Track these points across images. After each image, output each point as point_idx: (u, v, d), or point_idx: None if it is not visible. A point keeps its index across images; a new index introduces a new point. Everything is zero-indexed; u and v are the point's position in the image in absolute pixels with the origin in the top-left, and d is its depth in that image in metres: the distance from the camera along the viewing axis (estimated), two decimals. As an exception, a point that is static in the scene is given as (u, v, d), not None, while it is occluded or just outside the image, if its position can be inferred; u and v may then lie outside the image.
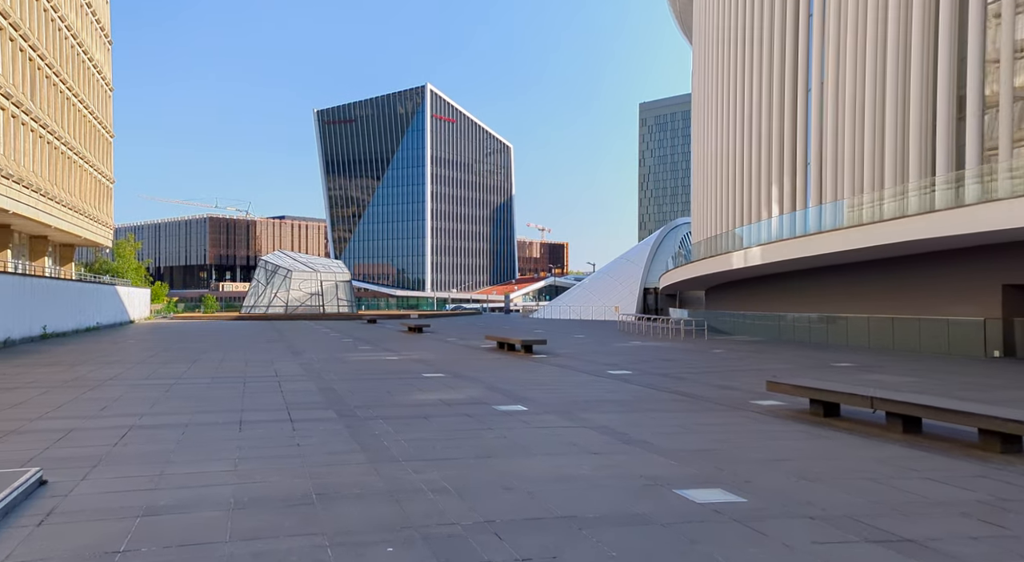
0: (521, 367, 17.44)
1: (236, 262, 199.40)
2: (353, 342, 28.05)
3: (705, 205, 41.08)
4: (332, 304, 64.05)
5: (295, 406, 10.85)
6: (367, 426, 9.07)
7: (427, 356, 20.89)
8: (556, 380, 14.57)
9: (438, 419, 9.61)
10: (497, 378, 14.78)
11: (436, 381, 14.24)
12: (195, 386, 13.43)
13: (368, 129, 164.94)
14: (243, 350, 23.38)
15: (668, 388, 13.02)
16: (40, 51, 36.06)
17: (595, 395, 12.16)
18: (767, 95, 31.59)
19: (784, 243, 25.09)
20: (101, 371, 16.28)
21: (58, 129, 39.42)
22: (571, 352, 22.34)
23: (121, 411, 10.38)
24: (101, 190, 50.81)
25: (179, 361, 19.03)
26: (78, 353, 22.06)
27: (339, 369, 16.84)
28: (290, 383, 13.93)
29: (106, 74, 51.42)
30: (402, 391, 12.69)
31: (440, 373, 15.86)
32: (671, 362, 18.71)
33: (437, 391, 12.67)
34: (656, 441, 8.03)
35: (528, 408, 10.54)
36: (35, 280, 29.15)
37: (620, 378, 14.78)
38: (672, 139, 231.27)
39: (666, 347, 24.71)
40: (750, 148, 33.15)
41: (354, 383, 13.95)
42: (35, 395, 12.14)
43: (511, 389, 12.85)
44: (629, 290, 54.37)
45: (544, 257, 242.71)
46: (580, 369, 16.83)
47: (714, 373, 15.80)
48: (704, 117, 41.94)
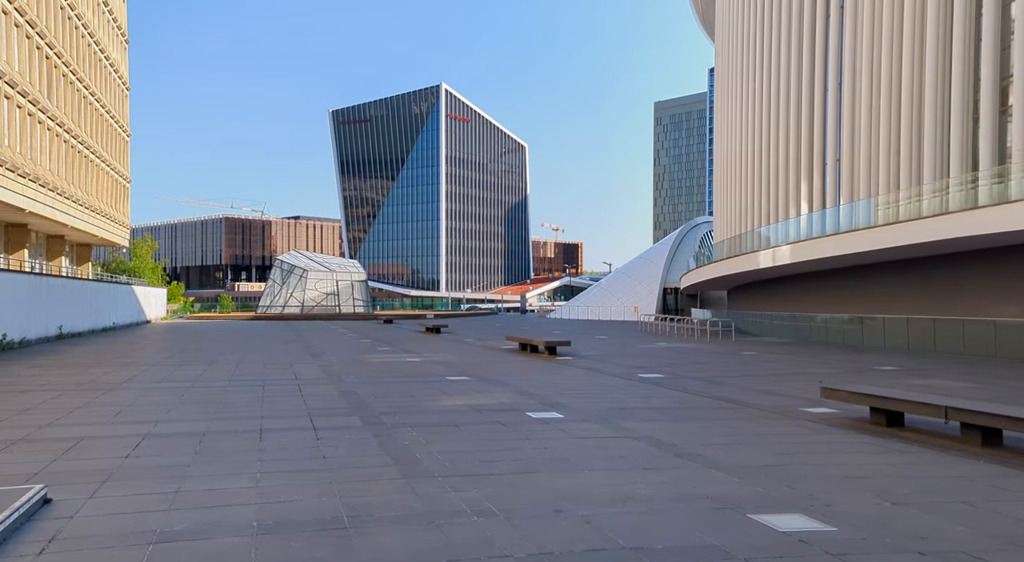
0: (547, 370, 16.81)
1: (251, 262, 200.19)
2: (371, 343, 27.54)
3: (728, 204, 40.28)
4: (348, 304, 63.70)
5: (317, 412, 10.28)
6: (395, 435, 8.48)
7: (448, 358, 20.30)
8: (586, 384, 13.92)
9: (470, 427, 9.00)
10: (525, 382, 14.16)
11: (461, 385, 13.64)
12: (212, 390, 12.91)
13: (383, 129, 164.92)
14: (260, 351, 22.91)
15: (707, 393, 12.33)
16: (57, 49, 35.86)
17: (631, 401, 11.51)
18: (794, 92, 30.77)
19: (815, 241, 24.27)
20: (116, 373, 15.82)
21: (75, 128, 39.24)
22: (596, 354, 21.68)
23: (135, 417, 9.85)
24: (118, 189, 50.70)
25: (195, 363, 18.56)
26: (94, 354, 21.68)
27: (359, 371, 16.28)
28: (310, 386, 13.38)
29: (123, 73, 51.31)
30: (428, 396, 12.09)
31: (464, 376, 15.26)
32: (703, 365, 18.00)
33: (464, 396, 12.06)
34: (711, 454, 7.37)
35: (564, 415, 9.90)
36: (51, 280, 28.87)
37: (653, 382, 14.11)
38: (687, 138, 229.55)
39: (693, 349, 23.98)
40: (776, 146, 32.35)
41: (377, 386, 13.38)
42: (47, 399, 11.66)
43: (542, 394, 12.22)
44: (648, 290, 53.53)
45: (558, 257, 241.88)
46: (609, 372, 16.17)
47: (752, 377, 15.08)
48: (727, 116, 41.12)
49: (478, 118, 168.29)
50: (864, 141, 25.45)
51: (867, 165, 25.10)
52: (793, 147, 30.34)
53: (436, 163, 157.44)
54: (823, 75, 28.62)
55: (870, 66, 25.33)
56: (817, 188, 27.97)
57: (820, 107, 28.55)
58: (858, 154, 25.69)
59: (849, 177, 26.17)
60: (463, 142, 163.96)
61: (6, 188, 29.40)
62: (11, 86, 29.90)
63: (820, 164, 27.98)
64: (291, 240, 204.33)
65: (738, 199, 37.90)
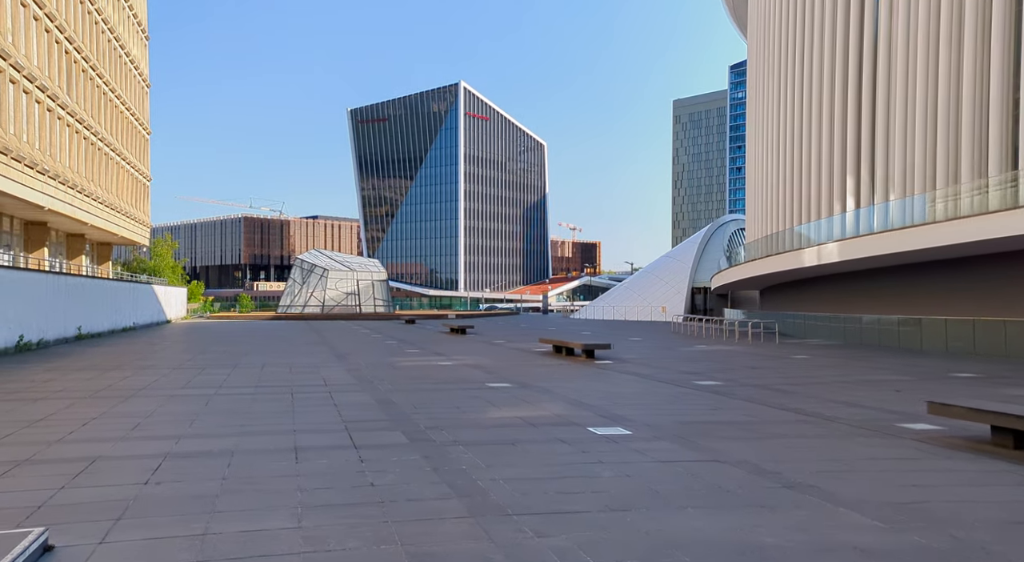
0: (591, 376, 15.71)
1: (270, 262, 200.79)
2: (397, 344, 26.58)
3: (761, 203, 38.96)
4: (369, 304, 62.90)
5: (355, 425, 9.26)
6: (448, 456, 7.43)
7: (482, 361, 19.26)
8: (640, 393, 12.81)
9: (529, 446, 7.93)
10: (572, 390, 13.07)
11: (505, 393, 12.58)
12: (237, 398, 11.95)
13: (401, 127, 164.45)
14: (284, 353, 22.01)
15: (780, 405, 11.17)
16: (76, 44, 35.27)
17: (699, 414, 10.39)
18: (831, 87, 29.41)
19: (867, 238, 22.94)
20: (135, 378, 14.92)
21: (95, 125, 38.67)
22: (637, 357, 20.54)
23: (155, 432, 8.88)
24: (138, 188, 50.23)
25: (218, 366, 17.66)
26: (112, 356, 20.88)
27: (392, 377, 15.28)
28: (342, 394, 12.38)
29: (143, 70, 50.82)
30: (472, 406, 11.04)
31: (505, 382, 14.20)
32: (758, 370, 16.81)
33: (512, 406, 11.00)
34: (827, 485, 6.24)
35: (631, 431, 8.81)
36: (70, 279, 28.20)
37: (712, 391, 12.97)
38: (707, 136, 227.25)
39: (739, 352, 22.75)
40: (813, 143, 31.01)
41: (414, 395, 12.35)
42: (61, 408, 10.75)
43: (597, 404, 11.13)
44: (676, 290, 52.19)
45: (576, 256, 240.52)
46: (660, 378, 15.04)
47: (819, 385, 13.88)
48: (760, 114, 39.77)
49: (497, 116, 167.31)
50: (911, 136, 24.10)
51: (922, 159, 23.74)
52: (839, 143, 28.99)
53: (455, 162, 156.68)
54: (872, 66, 27.23)
55: (915, 54, 23.96)
56: (865, 183, 26.62)
57: (869, 102, 27.19)
58: (914, 147, 24.34)
59: (901, 172, 24.81)
60: (482, 140, 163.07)
61: (25, 185, 28.78)
62: (30, 81, 29.27)
63: (868, 159, 26.62)
64: (309, 240, 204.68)
65: (773, 197, 36.58)
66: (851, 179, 27.47)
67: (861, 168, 26.94)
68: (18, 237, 35.14)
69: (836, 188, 28.70)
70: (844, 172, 28.28)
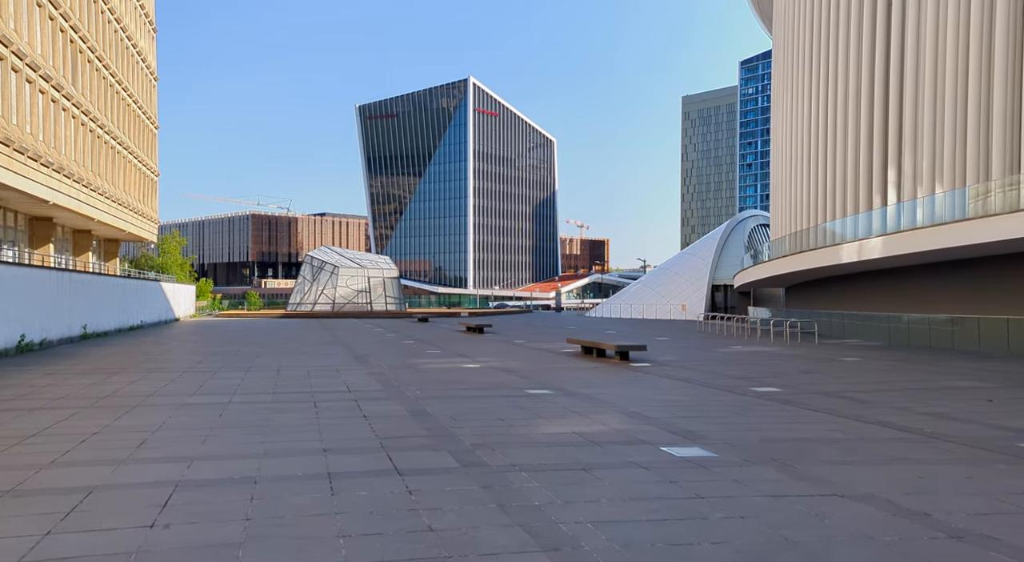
0: (634, 381, 14.48)
1: (278, 259, 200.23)
2: (416, 344, 25.40)
3: (788, 200, 37.68)
4: (380, 301, 61.77)
5: (392, 443, 8.05)
6: (511, 486, 6.21)
7: (510, 364, 18.05)
8: (699, 402, 11.57)
9: (603, 473, 6.71)
10: (621, 398, 11.85)
11: (549, 402, 11.36)
12: (255, 407, 10.77)
13: (410, 124, 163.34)
14: (299, 354, 20.85)
15: (861, 417, 9.91)
16: (82, 33, 34.18)
17: (779, 429, 9.14)
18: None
19: (914, 233, 21.59)
20: (142, 383, 13.77)
21: (101, 117, 37.61)
22: (674, 359, 19.29)
23: (163, 452, 7.69)
24: (146, 183, 49.20)
25: (231, 369, 16.50)
26: (119, 357, 19.76)
27: (419, 381, 14.08)
28: (370, 403, 11.18)
29: (150, 62, 49.76)
30: (518, 418, 9.82)
31: (544, 388, 12.98)
32: (813, 375, 15.53)
33: (562, 418, 9.78)
34: (1007, 536, 4.98)
35: (716, 453, 7.56)
36: (75, 275, 27.12)
37: (776, 399, 11.72)
38: (716, 133, 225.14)
39: (781, 354, 21.45)
40: (851, 136, 29.66)
41: (449, 403, 11.15)
42: (59, 420, 9.58)
43: (657, 417, 9.90)
44: (696, 287, 50.82)
45: (584, 254, 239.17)
46: (710, 384, 13.80)
47: (893, 392, 12.60)
48: (786, 110, 38.42)
49: (506, 112, 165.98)
50: (959, 124, 22.75)
51: (973, 149, 22.39)
52: (877, 135, 27.64)
53: (464, 158, 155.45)
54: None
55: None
56: (907, 175, 25.27)
57: (903, 90, 25.83)
58: (957, 136, 22.98)
59: (943, 166, 23.45)
60: (491, 137, 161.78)
61: (29, 178, 27.71)
62: (33, 69, 28.18)
63: (912, 149, 25.25)
64: (317, 237, 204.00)
65: (801, 194, 35.29)
66: (892, 171, 26.13)
67: (903, 160, 25.57)
68: (23, 233, 34.12)
69: (876, 181, 27.35)
70: (884, 165, 26.94)
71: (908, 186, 25.08)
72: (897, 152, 26.18)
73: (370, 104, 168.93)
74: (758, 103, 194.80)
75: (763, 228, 58.83)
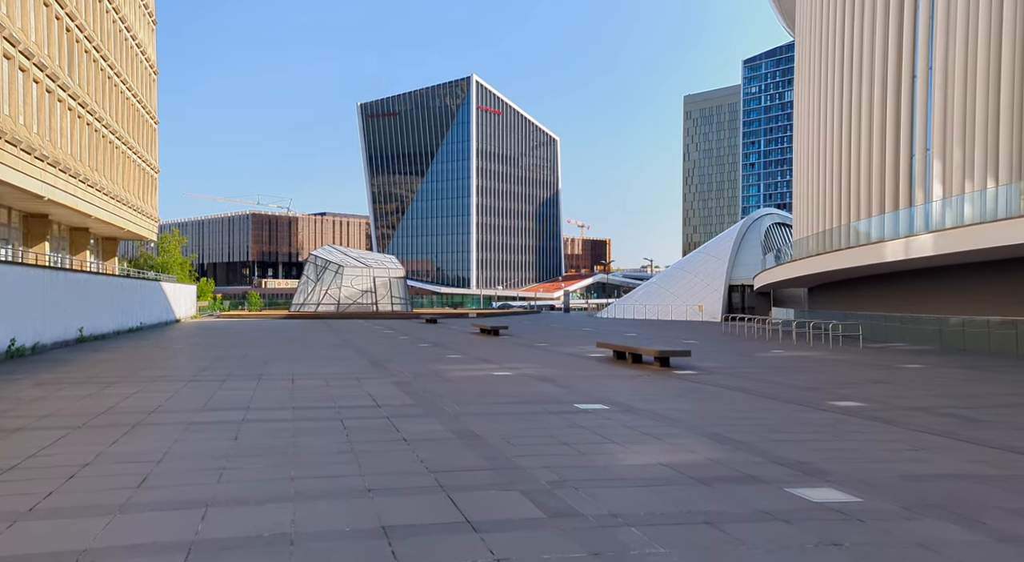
0: (691, 393, 13.01)
1: (278, 259, 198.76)
2: (432, 348, 23.94)
3: (812, 199, 36.34)
4: (385, 302, 60.23)
5: (449, 479, 6.58)
6: (629, 553, 4.74)
7: (543, 371, 16.59)
8: (782, 421, 10.10)
9: (737, 530, 5.24)
10: (690, 414, 10.39)
11: (610, 420, 9.89)
12: (274, 427, 9.29)
13: (412, 122, 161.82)
14: (312, 360, 19.37)
15: (998, 443, 8.44)
16: (78, 22, 32.67)
17: (910, 462, 7.66)
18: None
19: (976, 228, 20.08)
20: (143, 396, 12.29)
21: (99, 110, 36.11)
22: (718, 365, 17.81)
23: (170, 493, 6.21)
24: (146, 179, 47.70)
25: (240, 377, 15.03)
26: (117, 363, 18.28)
27: (451, 393, 12.60)
28: (406, 421, 9.71)
29: (150, 55, 48.26)
30: (585, 442, 8.35)
31: (595, 402, 11.52)
32: (887, 385, 14.05)
33: (638, 444, 8.31)
34: None
35: (859, 497, 6.09)
36: (71, 275, 25.62)
37: (867, 416, 10.26)
38: (718, 132, 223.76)
39: (832, 359, 19.97)
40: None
41: (496, 422, 9.67)
42: (45, 445, 8.11)
43: (749, 441, 8.43)
44: (712, 288, 49.34)
45: (585, 253, 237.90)
46: (776, 396, 12.34)
47: (1001, 408, 11.12)
48: (812, 106, 37.00)
49: (509, 111, 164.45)
50: (1006, 114, 21.33)
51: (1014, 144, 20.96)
52: (918, 127, 26.20)
53: (467, 157, 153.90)
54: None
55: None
56: (957, 167, 23.81)
57: (934, 82, 24.38)
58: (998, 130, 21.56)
59: (1000, 159, 22.01)
60: (494, 135, 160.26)
61: (22, 172, 26.22)
62: (27, 57, 26.68)
63: (961, 140, 23.81)
64: (318, 236, 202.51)
65: (827, 193, 33.95)
66: (937, 164, 24.67)
67: (952, 152, 24.10)
68: (17, 231, 32.63)
69: (917, 176, 25.90)
70: (925, 159, 25.48)
71: (957, 180, 23.62)
72: (943, 145, 24.73)
73: (372, 102, 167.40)
74: (761, 102, 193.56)
75: (780, 227, 57.38)
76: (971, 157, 23.40)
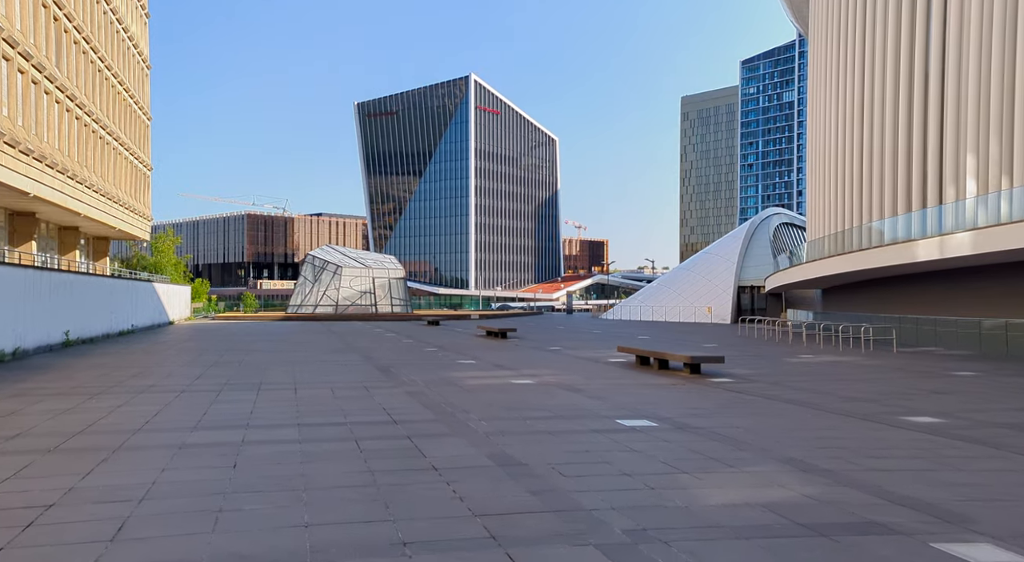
0: (739, 404, 11.73)
1: (274, 260, 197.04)
2: (440, 352, 22.62)
3: (826, 200, 35.37)
4: (385, 303, 58.82)
5: (501, 526, 5.27)
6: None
7: (566, 378, 15.29)
8: (863, 442, 8.81)
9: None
10: (752, 433, 9.10)
11: (665, 441, 8.59)
12: (279, 450, 7.96)
13: (410, 122, 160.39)
14: (313, 365, 18.04)
15: None
16: (67, 11, 31.26)
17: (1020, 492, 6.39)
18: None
19: (1019, 227, 18.85)
20: (128, 410, 10.95)
21: (88, 104, 34.69)
22: (752, 372, 16.53)
23: (149, 552, 4.87)
24: (138, 177, 46.24)
25: (238, 386, 13.69)
26: (103, 370, 16.91)
27: (473, 405, 11.29)
28: (430, 442, 8.38)
29: (143, 49, 46.82)
30: (652, 473, 7.04)
31: (639, 418, 10.22)
32: (953, 396, 12.78)
33: (711, 472, 7.01)
34: None
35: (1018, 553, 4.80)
36: (56, 275, 24.22)
37: (957, 436, 8.98)
38: (715, 133, 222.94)
39: (871, 366, 18.69)
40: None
41: (534, 442, 8.36)
42: (6, 476, 6.79)
43: (841, 471, 7.15)
44: (721, 289, 48.10)
45: (583, 254, 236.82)
46: (838, 410, 11.06)
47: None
48: (826, 107, 35.89)
49: (508, 110, 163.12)
50: None
51: None
52: (950, 124, 25.01)
53: (465, 156, 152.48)
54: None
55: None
56: (994, 162, 22.61)
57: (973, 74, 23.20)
58: None
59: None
60: (492, 135, 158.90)
61: (6, 167, 24.81)
62: (11, 45, 25.28)
63: (998, 133, 22.61)
64: (314, 237, 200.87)
65: (844, 193, 32.90)
66: (971, 159, 23.46)
67: (988, 146, 22.89)
68: (2, 230, 31.19)
69: (948, 172, 24.69)
70: (957, 153, 24.28)
71: (994, 176, 22.41)
72: (976, 139, 23.53)
73: (369, 101, 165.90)
74: (759, 103, 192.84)
75: (788, 227, 56.20)
76: (1009, 151, 22.19)
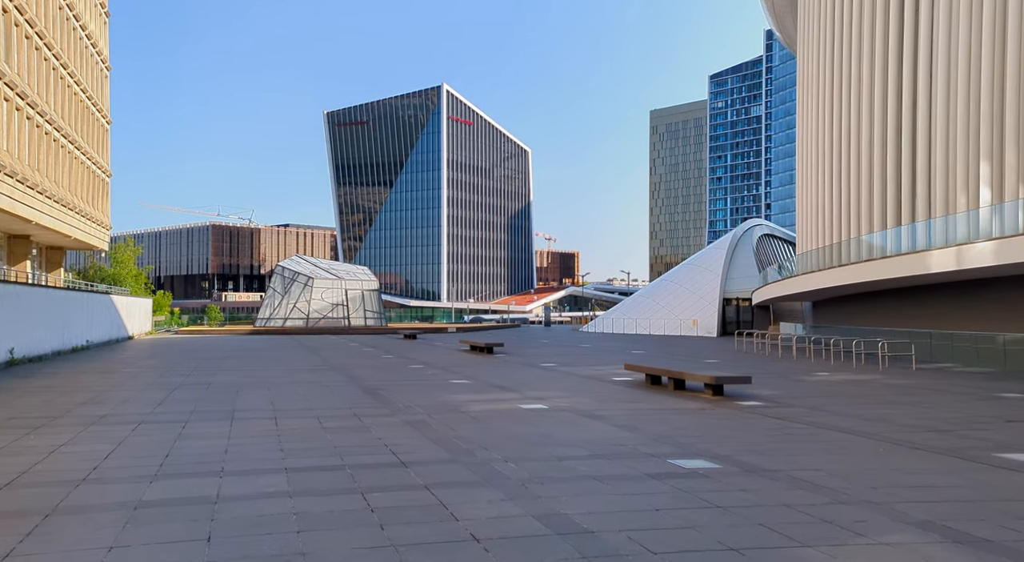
0: (792, 437, 10.22)
1: (239, 272, 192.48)
2: (428, 369, 20.83)
3: (817, 213, 34.54)
4: (358, 316, 56.64)
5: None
6: None
7: (579, 402, 13.65)
8: (987, 490, 7.32)
9: None
10: (850, 483, 7.57)
11: (750, 493, 7.00)
12: (265, 511, 6.15)
13: (381, 131, 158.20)
14: (291, 386, 16.14)
15: None
16: (17, 2, 28.96)
17: None
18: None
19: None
20: (72, 450, 9.01)
21: (41, 103, 32.29)
22: (779, 394, 15.08)
23: None
24: (96, 183, 43.63)
25: (207, 415, 11.78)
26: (49, 395, 14.80)
27: (487, 438, 9.58)
28: (454, 493, 6.65)
29: (102, 49, 44.35)
30: (760, 546, 5.43)
31: (694, 457, 8.63)
32: (993, 423, 11.42)
33: (845, 548, 5.42)
34: None
35: None
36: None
37: None
38: (684, 147, 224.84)
39: (899, 385, 17.38)
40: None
41: (591, 498, 6.69)
42: None
43: (1006, 542, 5.61)
44: (706, 301, 47.00)
45: (553, 266, 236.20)
46: (910, 443, 9.62)
47: None
48: (815, 122, 35.15)
49: (480, 121, 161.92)
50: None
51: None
52: (962, 134, 24.10)
53: (437, 167, 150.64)
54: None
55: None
56: (1011, 171, 21.68)
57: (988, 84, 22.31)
58: None
59: None
60: (465, 146, 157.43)
61: (-56, 167, 22.46)
62: (-48, 34, 23.01)
63: (1015, 145, 21.70)
64: (281, 249, 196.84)
65: (835, 205, 32.18)
66: (984, 167, 22.51)
67: (1003, 153, 21.95)
68: (-57, 236, 28.64)
69: (959, 181, 23.74)
70: (977, 161, 23.34)
71: (1011, 184, 21.45)
72: (989, 146, 22.60)
73: (339, 110, 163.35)
74: (727, 117, 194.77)
75: (770, 238, 55.54)
76: (1016, 159, 21.25)
